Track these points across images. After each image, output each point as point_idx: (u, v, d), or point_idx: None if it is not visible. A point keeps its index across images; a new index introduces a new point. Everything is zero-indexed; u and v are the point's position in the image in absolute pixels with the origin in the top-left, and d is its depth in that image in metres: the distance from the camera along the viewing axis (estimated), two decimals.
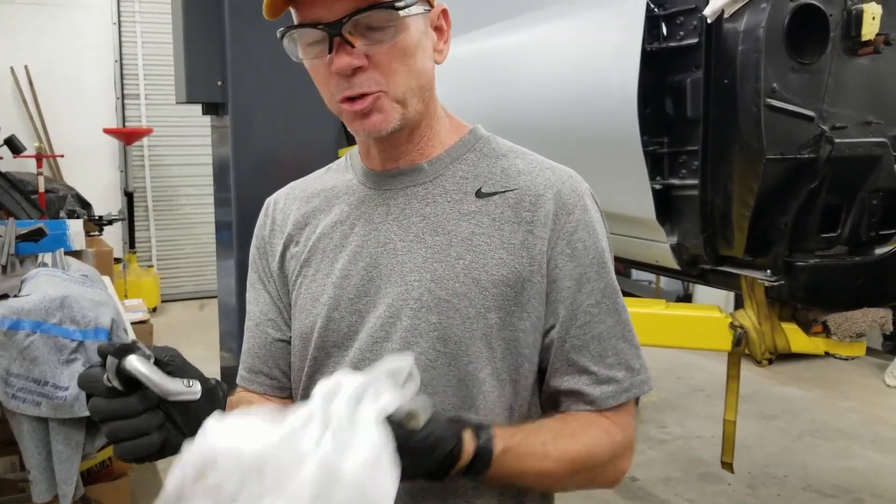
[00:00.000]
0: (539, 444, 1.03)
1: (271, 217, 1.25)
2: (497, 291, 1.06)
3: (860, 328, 2.66)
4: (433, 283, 1.06)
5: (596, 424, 1.09)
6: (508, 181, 1.11)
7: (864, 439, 4.48)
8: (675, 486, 3.91)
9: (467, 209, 1.09)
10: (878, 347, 5.62)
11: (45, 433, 2.57)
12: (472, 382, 1.06)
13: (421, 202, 1.11)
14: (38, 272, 2.98)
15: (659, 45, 2.65)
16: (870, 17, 2.37)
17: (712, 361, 5.61)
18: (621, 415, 1.10)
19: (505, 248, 1.07)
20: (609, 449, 1.09)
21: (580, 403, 1.10)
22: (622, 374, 1.09)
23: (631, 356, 1.11)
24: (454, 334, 1.05)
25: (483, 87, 3.46)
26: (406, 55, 1.02)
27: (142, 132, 7.55)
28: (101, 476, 3.14)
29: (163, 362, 0.86)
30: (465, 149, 1.15)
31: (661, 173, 2.73)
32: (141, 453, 0.84)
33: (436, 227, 1.09)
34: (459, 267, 1.06)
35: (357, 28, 0.99)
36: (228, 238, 2.79)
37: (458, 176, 1.12)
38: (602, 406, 1.09)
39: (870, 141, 2.48)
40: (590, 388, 1.08)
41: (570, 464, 1.05)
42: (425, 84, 1.07)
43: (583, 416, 1.10)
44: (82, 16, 7.54)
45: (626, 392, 1.09)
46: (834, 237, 2.52)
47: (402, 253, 1.09)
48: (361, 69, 1.01)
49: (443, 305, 1.06)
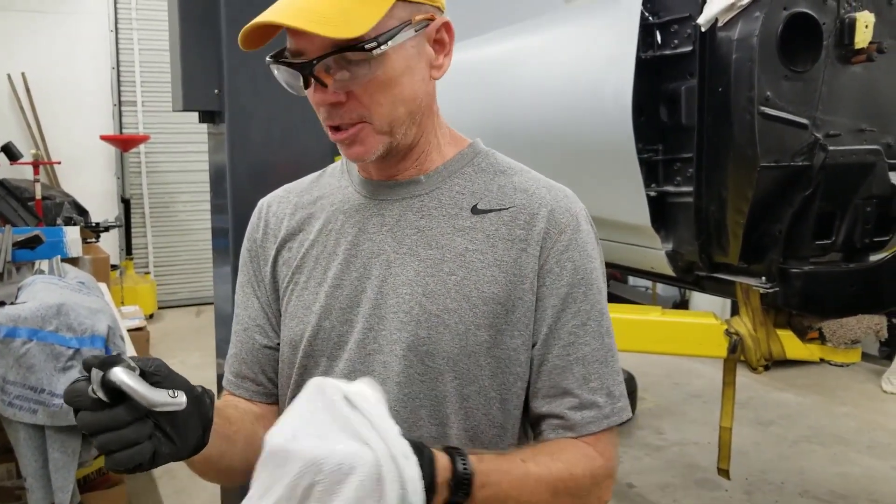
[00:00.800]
0: (518, 460, 1.01)
1: (264, 220, 1.24)
2: (487, 309, 1.05)
3: (855, 335, 2.66)
4: (424, 298, 1.06)
5: (574, 447, 1.06)
6: (504, 199, 1.10)
7: (860, 445, 4.49)
8: (673, 493, 3.91)
9: (462, 224, 1.09)
10: (874, 353, 5.63)
11: (42, 441, 2.57)
12: (458, 398, 1.06)
13: (416, 214, 1.10)
14: (34, 279, 2.98)
15: (653, 53, 2.67)
16: (863, 26, 2.39)
17: (709, 367, 5.61)
18: (602, 442, 1.07)
19: (497, 265, 1.06)
20: (589, 472, 1.05)
21: (559, 429, 1.08)
22: (603, 399, 1.07)
23: (613, 382, 1.09)
24: (443, 350, 1.05)
25: (478, 95, 3.47)
26: (389, 86, 1.01)
27: (139, 139, 7.54)
28: (98, 484, 3.13)
29: (148, 373, 0.85)
30: (464, 163, 1.14)
31: (655, 180, 2.75)
32: (131, 463, 0.83)
33: (429, 240, 1.09)
34: (451, 283, 1.06)
35: (337, 63, 0.98)
36: (225, 245, 2.78)
37: (455, 190, 1.11)
38: (582, 432, 1.07)
39: (863, 148, 2.50)
40: (571, 412, 1.07)
41: (552, 484, 1.01)
42: (415, 109, 1.06)
43: (561, 440, 1.07)
44: (79, 23, 7.54)
45: (607, 419, 1.07)
46: (828, 244, 2.53)
47: (394, 265, 1.08)
48: (340, 103, 1.01)
49: (433, 321, 1.05)
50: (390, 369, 1.06)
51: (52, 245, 3.76)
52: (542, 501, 1.01)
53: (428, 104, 1.09)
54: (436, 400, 1.06)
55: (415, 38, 1.02)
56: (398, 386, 1.05)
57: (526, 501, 0.99)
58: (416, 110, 1.06)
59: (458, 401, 1.06)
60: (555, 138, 3.04)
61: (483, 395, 1.07)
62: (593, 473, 1.05)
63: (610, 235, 2.97)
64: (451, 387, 1.06)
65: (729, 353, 2.82)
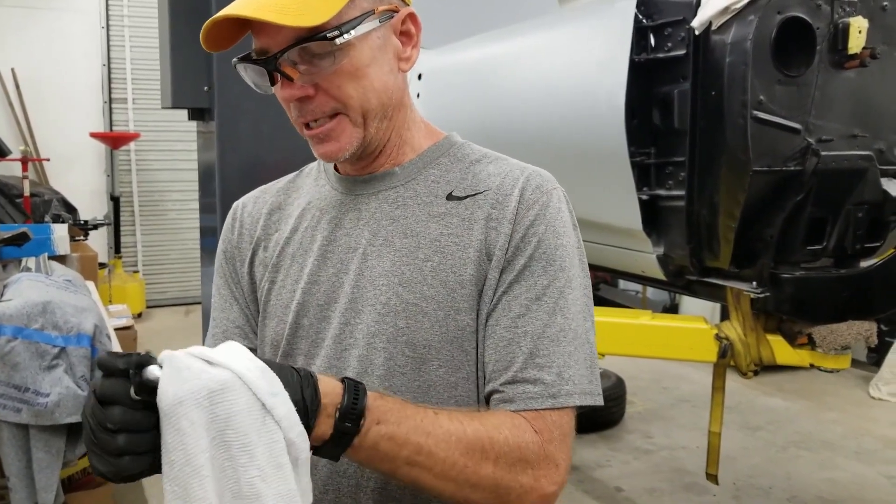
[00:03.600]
0: (430, 412, 0.94)
1: (239, 221, 1.23)
2: (466, 292, 1.03)
3: (845, 341, 2.66)
4: (401, 287, 1.04)
5: (505, 414, 0.98)
6: (479, 184, 1.09)
7: (848, 451, 4.49)
8: (661, 497, 3.90)
9: (437, 211, 1.07)
10: (862, 359, 5.64)
11: (26, 440, 2.55)
12: (443, 387, 1.04)
13: (392, 205, 1.09)
14: (20, 277, 2.95)
15: (647, 56, 2.66)
16: (856, 31, 2.39)
17: (698, 372, 5.62)
18: (543, 421, 0.97)
19: (472, 246, 1.04)
20: (515, 442, 0.95)
21: (499, 403, 1.00)
22: (551, 378, 0.98)
23: (566, 364, 0.99)
24: (423, 338, 1.03)
25: (470, 97, 3.46)
26: (356, 76, 1.00)
27: (129, 136, 7.50)
28: (82, 484, 3.10)
29: None
30: (439, 153, 1.13)
31: (647, 184, 2.74)
32: (144, 467, 0.79)
33: (405, 229, 1.07)
34: (427, 269, 1.04)
35: (303, 57, 0.98)
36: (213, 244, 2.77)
37: (430, 180, 1.10)
38: (520, 406, 0.98)
39: (855, 154, 2.50)
40: (510, 385, 0.99)
41: (466, 442, 0.92)
42: (386, 100, 1.05)
43: (494, 410, 1.00)
44: (70, 19, 7.50)
45: (553, 398, 0.98)
46: (819, 249, 2.53)
47: (371, 257, 1.07)
48: (309, 97, 1.00)
49: (411, 309, 1.03)
50: (370, 363, 1.04)
51: (40, 242, 3.73)
52: (451, 459, 0.92)
53: (399, 97, 1.08)
54: (420, 390, 1.04)
55: (380, 28, 1.02)
56: (379, 379, 1.03)
57: (431, 453, 0.91)
58: (388, 102, 1.05)
59: (446, 389, 1.04)
60: (547, 141, 3.03)
61: (471, 382, 1.05)
62: (521, 446, 0.95)
63: (601, 239, 2.96)
64: (436, 375, 1.04)
65: (719, 358, 2.82)
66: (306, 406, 0.83)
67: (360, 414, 0.87)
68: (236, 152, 2.63)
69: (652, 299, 6.44)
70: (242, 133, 2.61)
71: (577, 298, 1.03)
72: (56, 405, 2.51)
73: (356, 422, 0.86)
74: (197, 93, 2.61)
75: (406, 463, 0.91)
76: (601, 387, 1.05)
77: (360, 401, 0.87)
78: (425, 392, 1.04)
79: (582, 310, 1.04)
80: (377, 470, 0.94)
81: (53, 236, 3.90)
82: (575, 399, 0.99)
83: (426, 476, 0.92)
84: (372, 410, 0.88)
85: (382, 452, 0.89)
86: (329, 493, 1.06)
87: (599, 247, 3.00)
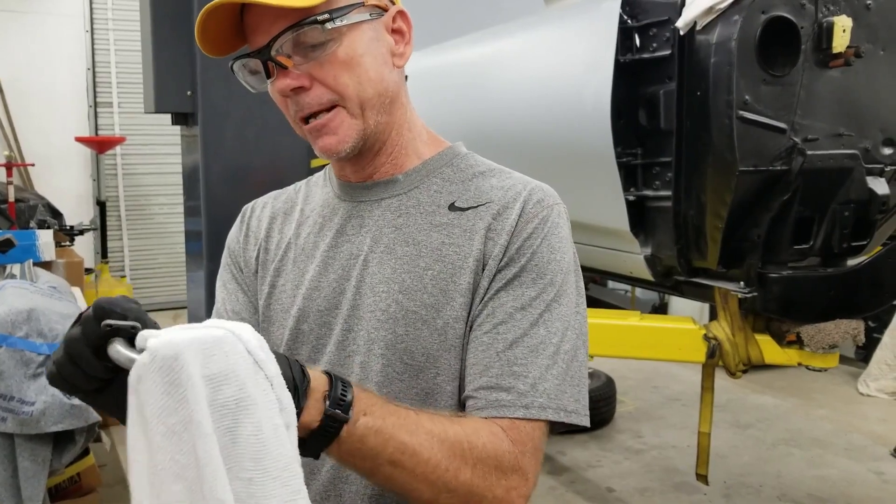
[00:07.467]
0: (410, 412, 0.92)
1: (246, 224, 1.25)
2: (465, 301, 1.03)
3: (833, 340, 2.67)
4: (401, 295, 1.04)
5: (482, 421, 0.96)
6: (482, 196, 1.09)
7: (837, 447, 4.51)
8: (651, 497, 3.91)
9: (439, 221, 1.08)
10: (850, 356, 5.67)
11: (11, 449, 2.52)
12: (440, 395, 1.04)
13: (394, 213, 1.10)
14: (4, 284, 2.93)
15: (632, 56, 2.66)
16: (840, 30, 2.39)
17: (688, 371, 5.63)
18: (517, 431, 0.96)
19: (472, 256, 1.04)
20: (493, 449, 0.93)
21: (473, 410, 0.99)
22: (525, 387, 0.97)
23: (542, 378, 0.98)
24: (421, 346, 1.03)
25: (456, 98, 3.45)
26: (351, 65, 1.01)
27: (114, 141, 7.46)
28: (69, 492, 3.08)
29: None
30: (442, 163, 1.13)
31: (634, 185, 2.74)
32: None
33: (406, 237, 1.08)
34: (427, 278, 1.05)
35: (297, 48, 1.00)
36: (198, 249, 2.76)
37: (433, 190, 1.11)
38: (493, 413, 0.97)
39: (841, 153, 2.50)
40: (484, 391, 0.98)
41: (448, 444, 0.91)
42: (383, 91, 1.05)
43: (470, 416, 0.99)
44: (55, 23, 7.45)
45: (525, 408, 0.96)
46: (806, 249, 2.54)
47: (372, 265, 1.08)
48: (304, 88, 1.01)
49: (410, 317, 1.04)
50: (369, 369, 1.05)
51: (25, 248, 3.71)
52: (434, 460, 0.89)
53: (396, 92, 1.09)
54: (418, 398, 1.03)
55: (371, 23, 1.04)
56: (377, 386, 1.03)
57: (415, 452, 0.89)
58: (385, 93, 1.06)
59: (443, 397, 1.04)
60: (533, 142, 3.02)
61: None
62: (497, 454, 0.93)
63: (589, 240, 2.96)
64: (434, 383, 1.04)
65: (707, 359, 2.82)
66: (295, 384, 0.80)
67: (350, 402, 0.85)
68: (220, 156, 2.62)
69: (641, 298, 6.45)
70: (227, 137, 2.60)
71: (564, 315, 1.02)
72: (42, 413, 2.49)
73: (346, 410, 0.84)
74: (180, 97, 2.60)
75: (388, 462, 0.88)
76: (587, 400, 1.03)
77: (349, 390, 0.85)
78: (423, 400, 1.04)
79: (569, 327, 1.02)
80: (355, 468, 0.91)
81: (38, 242, 3.87)
82: (549, 413, 0.97)
83: (406, 477, 0.90)
84: (359, 400, 0.86)
85: (368, 447, 0.87)
86: (330, 500, 1.07)
87: (587, 248, 3.00)
